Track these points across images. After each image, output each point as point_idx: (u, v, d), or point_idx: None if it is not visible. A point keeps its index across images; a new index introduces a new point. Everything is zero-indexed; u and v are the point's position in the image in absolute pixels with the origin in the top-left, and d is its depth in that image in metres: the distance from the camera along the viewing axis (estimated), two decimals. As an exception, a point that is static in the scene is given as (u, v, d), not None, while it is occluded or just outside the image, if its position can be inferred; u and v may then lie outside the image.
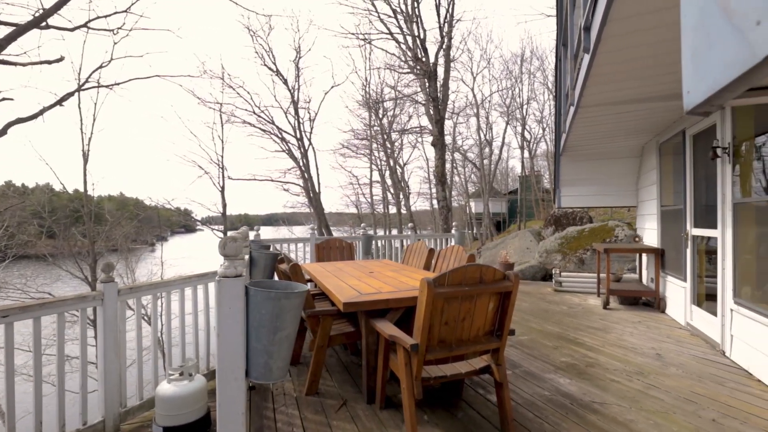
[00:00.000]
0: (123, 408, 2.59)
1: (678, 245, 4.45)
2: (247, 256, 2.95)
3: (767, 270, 2.94)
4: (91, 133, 10.87)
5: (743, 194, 3.22)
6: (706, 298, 3.93)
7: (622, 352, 3.53)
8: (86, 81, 9.64)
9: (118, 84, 9.56)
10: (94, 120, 10.85)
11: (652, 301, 5.17)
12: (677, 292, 4.48)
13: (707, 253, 3.90)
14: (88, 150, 10.85)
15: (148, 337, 2.97)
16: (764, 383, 2.83)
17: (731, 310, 3.29)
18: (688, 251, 4.15)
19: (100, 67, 9.56)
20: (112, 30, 8.27)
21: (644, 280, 5.62)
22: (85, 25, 7.74)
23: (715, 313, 3.58)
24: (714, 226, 3.54)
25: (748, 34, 0.54)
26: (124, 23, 8.61)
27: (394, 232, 21.68)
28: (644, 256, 5.69)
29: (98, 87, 9.84)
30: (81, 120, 10.65)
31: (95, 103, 10.80)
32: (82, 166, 10.81)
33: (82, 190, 11.03)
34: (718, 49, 0.63)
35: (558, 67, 5.56)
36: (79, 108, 10.55)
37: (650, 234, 5.52)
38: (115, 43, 9.42)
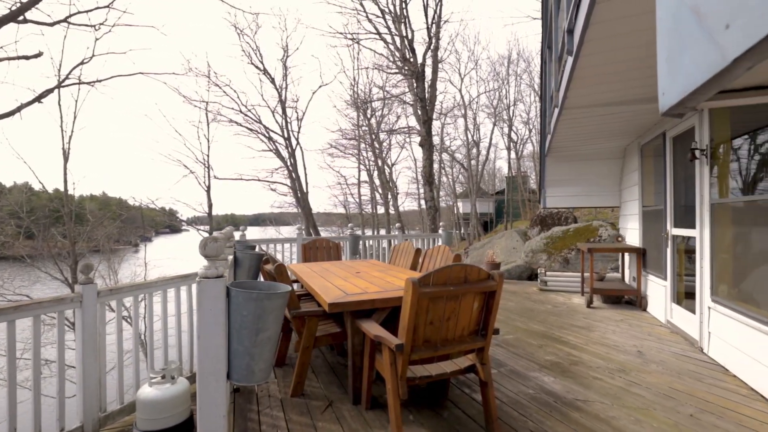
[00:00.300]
0: (102, 413, 2.53)
1: (659, 245, 4.55)
2: (231, 257, 2.91)
3: (743, 269, 3.03)
4: (72, 131, 10.61)
5: (720, 195, 3.31)
6: (685, 296, 4.02)
7: (605, 350, 3.59)
8: (66, 77, 9.39)
9: (100, 81, 9.34)
10: (75, 117, 10.59)
11: (634, 300, 5.28)
12: (658, 291, 4.58)
13: (686, 252, 4.00)
14: (69, 148, 10.58)
15: (130, 340, 2.91)
16: (740, 379, 2.91)
17: (709, 308, 3.38)
18: (668, 251, 4.25)
19: (81, 63, 9.32)
20: (94, 26, 8.08)
21: (627, 279, 5.73)
22: (65, 20, 7.54)
23: (693, 311, 3.67)
24: (693, 226, 3.63)
25: (717, 37, 0.56)
26: (106, 19, 8.42)
27: (383, 232, 21.68)
28: (626, 256, 5.80)
29: (79, 84, 9.60)
30: (61, 117, 10.38)
31: (76, 101, 10.54)
32: (63, 165, 10.54)
33: (62, 189, 10.75)
34: (690, 52, 0.64)
35: (543, 69, 5.63)
36: (59, 105, 10.29)
37: (632, 234, 5.64)
38: (96, 39, 9.19)
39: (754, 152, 2.93)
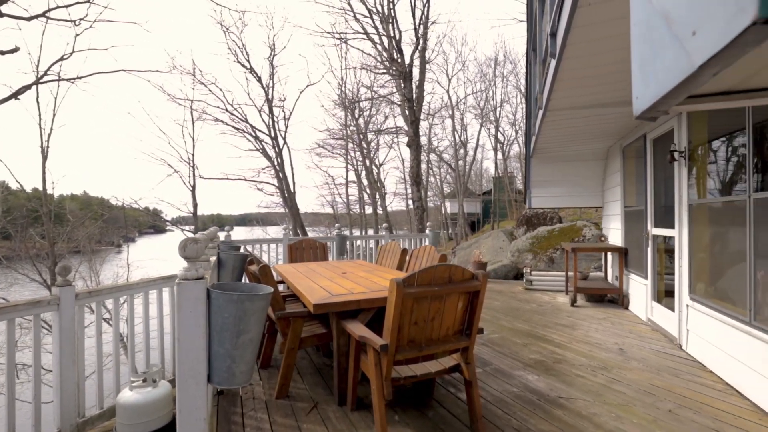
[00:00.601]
0: (81, 418, 2.47)
1: (640, 244, 4.65)
2: (214, 258, 2.87)
3: (719, 268, 3.11)
4: (51, 129, 10.33)
5: (698, 196, 3.40)
6: (665, 294, 4.12)
7: (588, 347, 3.66)
8: (45, 74, 9.14)
9: (80, 78, 9.11)
10: (54, 115, 10.31)
11: (616, 298, 5.38)
12: (639, 290, 4.68)
13: (666, 252, 4.10)
14: (48, 146, 10.30)
15: (111, 343, 2.85)
16: (716, 375, 2.99)
17: (687, 306, 3.46)
18: (649, 250, 4.35)
19: (61, 59, 9.08)
20: (74, 21, 7.88)
21: (609, 278, 5.84)
22: (43, 15, 7.34)
23: (673, 309, 3.76)
24: (672, 226, 3.72)
25: (685, 43, 0.57)
26: (86, 14, 8.22)
27: (371, 232, 21.67)
28: (609, 255, 5.91)
29: (58, 80, 9.36)
30: (39, 115, 10.10)
31: (55, 97, 10.26)
32: (41, 164, 10.25)
33: (41, 188, 10.46)
34: (661, 58, 0.66)
35: (528, 71, 5.70)
36: (38, 102, 10.01)
37: (615, 234, 5.75)
38: (77, 35, 8.97)
39: (729, 155, 3.02)
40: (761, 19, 0.40)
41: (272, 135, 16.77)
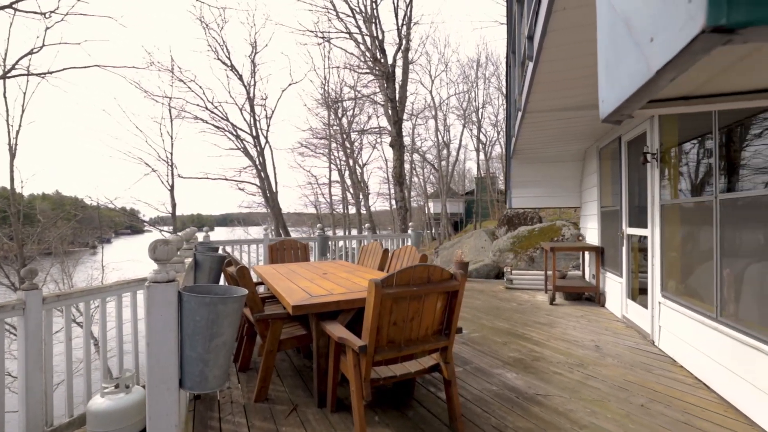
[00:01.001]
0: (49, 427, 2.38)
1: (616, 244, 4.78)
2: (190, 259, 2.80)
3: (689, 266, 3.22)
4: (20, 126, 9.91)
5: (669, 196, 3.51)
6: (639, 292, 4.24)
7: (566, 345, 3.73)
8: (12, 68, 8.76)
9: (51, 73, 8.76)
10: (23, 111, 9.90)
11: (593, 296, 5.51)
12: (615, 288, 4.81)
13: (640, 250, 4.22)
14: (16, 144, 9.88)
15: (82, 349, 2.75)
16: (686, 369, 3.10)
17: (659, 303, 3.58)
18: (624, 249, 4.47)
19: (30, 53, 8.72)
20: (44, 14, 7.59)
21: (587, 277, 5.98)
22: (10, 6, 7.04)
23: (646, 306, 3.87)
24: (645, 226, 3.84)
25: (644, 49, 0.58)
26: (58, 7, 7.91)
27: (354, 232, 21.62)
28: (587, 254, 6.05)
29: (27, 75, 8.98)
30: (7, 110, 9.67)
31: (24, 93, 9.85)
32: (9, 162, 9.83)
33: (8, 187, 10.03)
34: (623, 63, 0.68)
35: (508, 73, 5.78)
36: (5, 97, 9.59)
37: (592, 233, 5.89)
38: (47, 28, 8.63)
39: (697, 157, 3.13)
40: (709, 28, 0.42)
41: (254, 134, 16.54)
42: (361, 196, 20.97)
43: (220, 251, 3.70)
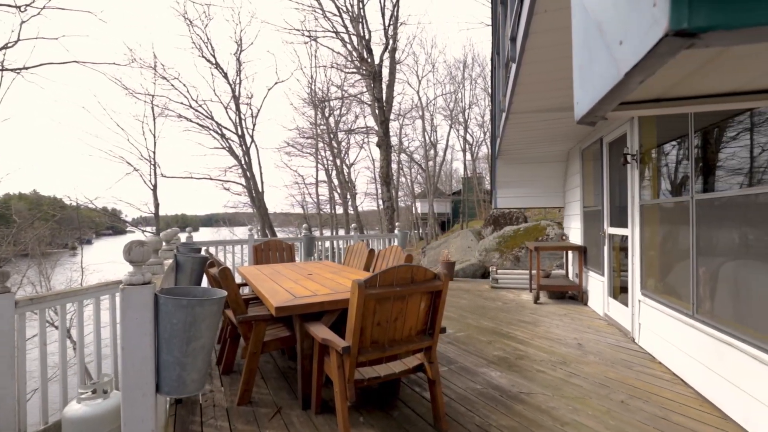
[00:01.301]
0: (22, 434, 2.30)
1: (598, 243, 4.86)
2: (170, 261, 2.75)
3: (667, 264, 3.30)
4: (-6, 123, 9.59)
5: (648, 196, 3.59)
6: (620, 291, 4.33)
7: (549, 343, 3.78)
8: (-14, 63, 8.47)
9: (27, 68, 8.50)
10: (-2, 108, 9.58)
11: (576, 295, 5.61)
12: (597, 286, 4.90)
13: (621, 250, 4.30)
14: (-10, 142, 9.56)
15: (66, 354, 2.67)
16: (664, 365, 3.17)
17: (639, 301, 3.65)
18: (606, 248, 4.55)
19: (5, 47, 8.44)
20: (19, 7, 7.36)
21: (570, 276, 6.08)
22: (-17, 0, 6.80)
23: (626, 304, 3.95)
24: (626, 226, 3.92)
25: (614, 52, 0.59)
26: (33, 0, 7.69)
27: (342, 232, 21.55)
28: (570, 254, 6.15)
29: (2, 70, 8.69)
30: (-20, 108, 9.35)
31: (-2, 89, 9.53)
32: (-17, 161, 9.50)
33: (-18, 187, 9.69)
34: (596, 65, 0.68)
35: (493, 74, 5.84)
36: (-22, 94, 9.26)
37: (575, 233, 5.98)
38: (23, 22, 8.37)
39: (675, 158, 3.21)
40: (672, 32, 0.42)
41: (239, 133, 16.34)
42: (348, 196, 20.91)
43: (203, 252, 3.64)
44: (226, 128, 16.25)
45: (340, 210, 22.17)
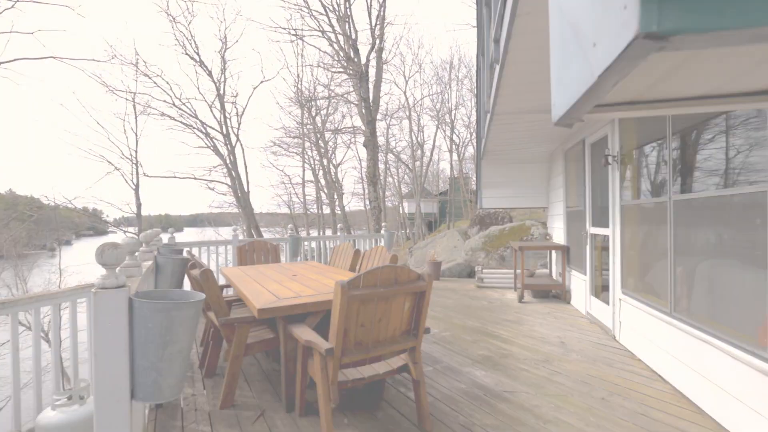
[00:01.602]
0: (-8, 443, 2.22)
1: (580, 243, 4.94)
2: (150, 263, 2.69)
3: (646, 264, 3.37)
4: (-34, 121, 9.25)
5: (628, 197, 3.66)
6: (602, 289, 4.41)
7: (532, 342, 3.83)
8: (-43, 58, 8.17)
9: (0, 63, 8.23)
10: (-30, 105, 9.25)
11: (560, 294, 5.69)
12: (579, 285, 4.98)
13: (603, 249, 4.38)
14: (-38, 140, 9.22)
15: (40, 360, 2.58)
16: (644, 362, 3.24)
17: (619, 299, 3.72)
18: (588, 248, 4.63)
19: (-23, 43, 8.15)
20: (-8, 1, 7.10)
21: (554, 275, 6.16)
22: (-46, -7, 6.55)
23: (608, 303, 4.03)
24: (607, 226, 3.99)
25: (588, 54, 0.59)
26: (8, -6, 7.44)
27: (329, 232, 21.45)
28: (554, 253, 6.24)
29: (-26, 66, 8.39)
30: (-49, 104, 9.02)
31: (-29, 85, 9.21)
32: (-46, 159, 9.15)
33: (-47, 187, 9.33)
34: (571, 68, 0.69)
35: (478, 75, 5.88)
36: (-51, 90, 8.93)
37: (558, 232, 6.07)
38: (-4, 17, 8.08)
39: (654, 159, 3.28)
40: (642, 34, 0.42)
41: (224, 132, 16.11)
42: (335, 196, 20.82)
43: (185, 253, 3.57)
44: (210, 127, 16.02)
45: (327, 210, 22.07)
